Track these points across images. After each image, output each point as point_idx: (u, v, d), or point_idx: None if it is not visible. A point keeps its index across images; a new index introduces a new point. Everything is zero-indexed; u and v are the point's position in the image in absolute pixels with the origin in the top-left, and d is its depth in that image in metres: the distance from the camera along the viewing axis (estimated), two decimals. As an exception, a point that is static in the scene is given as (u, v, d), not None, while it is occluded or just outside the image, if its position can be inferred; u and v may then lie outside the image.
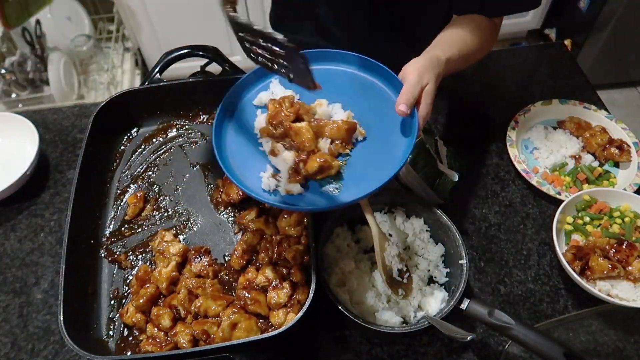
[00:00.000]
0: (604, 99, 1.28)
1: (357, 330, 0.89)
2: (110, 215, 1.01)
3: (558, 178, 1.09)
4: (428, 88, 0.78)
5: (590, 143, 1.13)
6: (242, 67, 1.15)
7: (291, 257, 0.85)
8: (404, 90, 0.77)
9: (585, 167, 1.10)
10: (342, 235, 0.95)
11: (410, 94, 0.76)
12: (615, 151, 1.10)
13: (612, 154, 1.11)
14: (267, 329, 0.83)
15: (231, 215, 1.01)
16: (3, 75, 2.10)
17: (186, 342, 0.80)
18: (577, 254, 0.92)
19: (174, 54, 1.09)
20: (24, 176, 1.07)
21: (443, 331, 0.75)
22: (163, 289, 0.88)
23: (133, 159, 1.11)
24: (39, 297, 0.95)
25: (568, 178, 1.09)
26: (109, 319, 0.88)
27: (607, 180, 1.09)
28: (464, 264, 0.85)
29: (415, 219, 0.96)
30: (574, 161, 1.12)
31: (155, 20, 2.50)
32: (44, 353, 0.89)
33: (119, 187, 1.06)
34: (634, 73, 2.79)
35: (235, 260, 0.90)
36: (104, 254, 0.96)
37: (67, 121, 1.25)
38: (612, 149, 1.11)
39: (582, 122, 1.17)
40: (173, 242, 0.93)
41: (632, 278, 0.90)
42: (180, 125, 1.16)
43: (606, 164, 1.13)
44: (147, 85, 1.10)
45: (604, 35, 2.55)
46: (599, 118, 1.18)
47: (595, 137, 1.13)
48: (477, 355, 0.87)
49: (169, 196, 1.04)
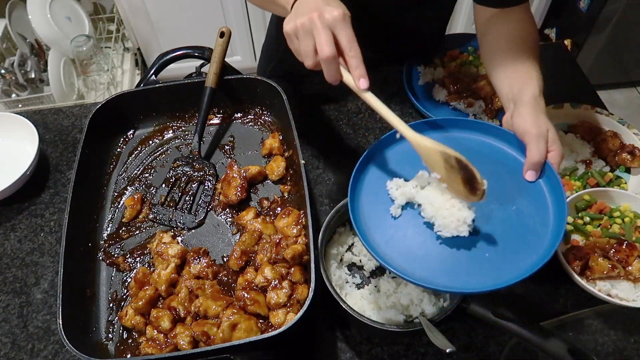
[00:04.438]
0: (604, 99, 1.27)
1: (357, 329, 0.89)
2: (108, 218, 1.01)
3: (568, 183, 1.07)
4: (551, 135, 0.75)
5: (602, 148, 1.12)
6: (241, 68, 1.15)
7: (290, 257, 0.85)
8: (530, 154, 0.73)
9: (596, 172, 1.08)
10: (344, 235, 0.95)
11: (538, 156, 0.72)
12: (627, 156, 1.08)
13: (623, 160, 1.09)
14: (267, 329, 0.83)
15: (229, 216, 1.01)
16: (3, 75, 2.10)
17: (186, 344, 0.80)
18: (577, 254, 0.92)
19: (169, 55, 1.09)
20: (24, 176, 1.06)
21: (429, 336, 0.75)
22: (162, 291, 0.88)
23: (129, 161, 1.10)
24: (39, 297, 0.95)
25: (578, 183, 1.07)
26: (108, 321, 0.88)
27: (617, 186, 1.07)
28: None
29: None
30: (585, 166, 1.10)
31: (155, 20, 2.50)
32: (44, 353, 0.89)
33: (116, 189, 1.06)
34: (634, 73, 2.79)
35: (233, 261, 0.90)
36: (102, 257, 0.96)
37: (67, 121, 1.25)
38: (624, 154, 1.09)
39: (593, 126, 1.15)
40: (171, 244, 0.93)
41: (632, 278, 0.89)
42: (176, 127, 1.16)
43: (617, 170, 1.11)
44: (142, 87, 1.10)
45: (604, 35, 2.55)
46: (611, 123, 1.16)
47: (606, 142, 1.11)
48: (477, 356, 0.87)
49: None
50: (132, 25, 2.52)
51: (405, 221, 0.74)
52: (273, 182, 1.06)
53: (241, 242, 0.91)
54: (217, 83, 1.07)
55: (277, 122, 1.14)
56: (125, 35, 2.58)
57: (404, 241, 0.71)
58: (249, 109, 1.17)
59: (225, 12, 2.49)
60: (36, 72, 2.18)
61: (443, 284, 0.66)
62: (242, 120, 1.17)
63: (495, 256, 0.68)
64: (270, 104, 1.14)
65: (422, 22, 1.24)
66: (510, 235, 0.70)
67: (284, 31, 0.73)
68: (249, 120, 1.17)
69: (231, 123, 1.17)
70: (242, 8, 2.49)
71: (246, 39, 2.64)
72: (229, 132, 1.15)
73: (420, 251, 0.70)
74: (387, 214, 0.74)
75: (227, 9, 2.48)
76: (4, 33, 2.19)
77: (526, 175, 0.74)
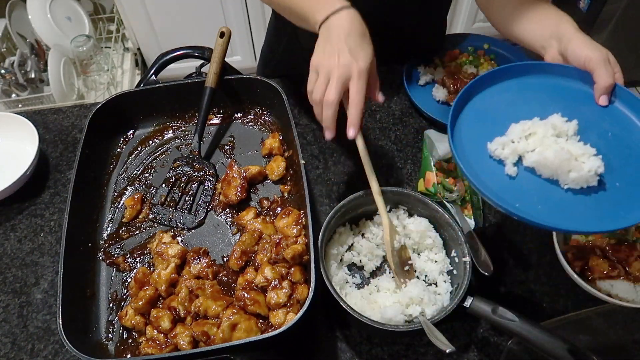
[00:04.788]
0: (604, 98, 1.27)
1: (357, 329, 0.89)
2: (108, 218, 1.01)
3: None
4: (611, 58, 0.76)
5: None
6: (241, 68, 1.15)
7: (290, 257, 0.85)
8: (600, 78, 0.74)
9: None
10: (344, 235, 0.95)
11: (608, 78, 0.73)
12: None
13: None
14: (267, 329, 0.83)
15: (229, 216, 1.01)
16: (3, 75, 2.10)
17: (186, 344, 0.80)
18: (577, 254, 0.92)
19: (169, 55, 1.09)
20: (24, 176, 1.06)
21: (429, 336, 0.75)
22: (162, 291, 0.88)
23: (129, 161, 1.10)
24: (39, 297, 0.95)
25: None
26: (108, 321, 0.88)
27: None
28: (467, 262, 0.85)
29: (417, 217, 0.96)
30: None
31: (155, 20, 2.50)
32: (44, 353, 0.89)
33: (116, 189, 1.06)
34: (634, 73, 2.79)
35: (233, 261, 0.90)
36: (102, 257, 0.96)
37: (67, 121, 1.25)
38: None
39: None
40: (171, 244, 0.93)
41: (632, 278, 0.89)
42: (176, 127, 1.16)
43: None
44: (142, 87, 1.10)
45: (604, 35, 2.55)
46: None
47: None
48: (477, 355, 0.87)
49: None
50: (132, 25, 2.52)
51: (525, 178, 0.73)
52: (273, 182, 1.06)
53: (241, 242, 0.91)
54: (217, 83, 1.07)
55: (277, 122, 1.14)
56: (125, 35, 2.59)
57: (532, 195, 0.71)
58: (249, 109, 1.17)
59: (225, 12, 2.49)
60: (36, 72, 2.18)
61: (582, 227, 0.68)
62: (242, 120, 1.17)
63: (624, 185, 0.70)
64: (270, 104, 1.14)
65: (422, 22, 1.24)
66: (623, 160, 0.72)
67: (311, 60, 0.80)
68: (249, 120, 1.17)
69: (231, 123, 1.17)
70: (242, 8, 2.49)
71: (246, 39, 2.65)
72: (229, 132, 1.15)
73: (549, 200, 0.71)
74: (502, 176, 0.73)
75: (227, 9, 2.48)
76: (4, 33, 2.19)
77: (600, 101, 0.74)
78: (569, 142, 0.73)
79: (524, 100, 0.80)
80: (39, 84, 2.20)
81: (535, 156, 0.72)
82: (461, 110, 0.81)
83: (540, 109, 0.77)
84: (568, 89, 0.81)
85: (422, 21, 1.23)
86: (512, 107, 0.79)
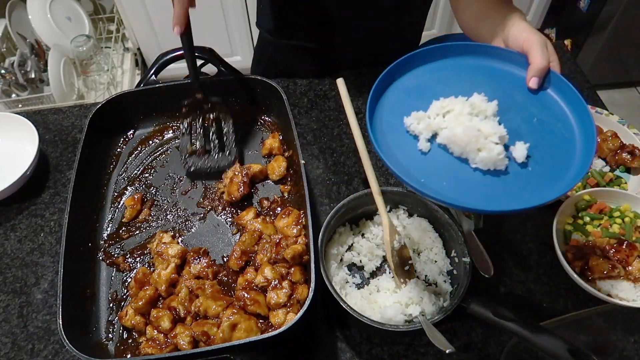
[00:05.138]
0: (604, 99, 1.27)
1: (357, 329, 0.89)
2: (108, 218, 1.01)
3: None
4: (550, 47, 0.75)
5: (602, 148, 1.12)
6: (241, 68, 1.15)
7: (290, 257, 0.85)
8: (534, 60, 0.73)
9: (596, 172, 1.08)
10: (344, 235, 0.95)
11: (542, 60, 0.72)
12: (627, 156, 1.09)
13: (623, 159, 1.09)
14: (267, 329, 0.83)
15: (229, 216, 1.01)
16: (3, 75, 2.10)
17: (186, 344, 0.80)
18: (577, 254, 0.92)
19: (169, 55, 1.09)
20: (24, 176, 1.06)
21: (429, 336, 0.75)
22: (162, 291, 0.88)
23: (130, 161, 1.10)
24: (39, 297, 0.95)
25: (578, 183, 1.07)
26: (108, 321, 0.88)
27: (618, 185, 1.07)
28: (467, 262, 0.85)
29: (417, 217, 0.96)
30: (585, 166, 1.11)
31: (155, 20, 2.50)
32: (44, 353, 0.89)
33: (116, 189, 1.06)
34: (634, 73, 2.79)
35: (233, 261, 0.90)
36: (102, 257, 0.96)
37: (67, 121, 1.25)
38: (624, 154, 1.09)
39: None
40: (171, 244, 0.93)
41: (632, 278, 0.90)
42: (176, 127, 1.16)
43: (617, 170, 1.11)
44: (142, 87, 1.10)
45: (604, 35, 2.55)
46: (611, 123, 1.16)
47: (606, 142, 1.11)
48: (477, 355, 0.87)
49: (166, 198, 1.04)
50: (132, 25, 2.52)
51: (436, 155, 0.72)
52: (273, 182, 1.06)
53: (241, 242, 0.91)
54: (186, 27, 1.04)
55: (277, 122, 1.14)
56: (125, 35, 2.59)
57: (440, 172, 0.70)
58: (249, 109, 1.17)
59: (225, 12, 2.49)
60: (36, 72, 2.18)
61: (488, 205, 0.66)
62: (242, 120, 1.17)
63: (536, 169, 0.69)
64: (270, 104, 1.14)
65: (401, 23, 1.24)
66: (543, 145, 0.71)
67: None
68: (249, 120, 1.17)
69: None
70: (242, 8, 2.49)
71: (246, 39, 2.64)
72: (229, 132, 1.15)
73: (457, 179, 0.70)
74: (414, 151, 0.73)
75: (227, 9, 2.48)
76: (4, 33, 2.19)
77: (530, 83, 0.73)
78: (484, 122, 0.72)
79: (455, 80, 0.79)
80: (39, 84, 2.20)
81: (447, 132, 0.71)
82: (390, 84, 0.80)
83: (470, 88, 0.76)
84: (503, 72, 0.80)
85: (398, 22, 1.23)
86: (442, 85, 0.78)
